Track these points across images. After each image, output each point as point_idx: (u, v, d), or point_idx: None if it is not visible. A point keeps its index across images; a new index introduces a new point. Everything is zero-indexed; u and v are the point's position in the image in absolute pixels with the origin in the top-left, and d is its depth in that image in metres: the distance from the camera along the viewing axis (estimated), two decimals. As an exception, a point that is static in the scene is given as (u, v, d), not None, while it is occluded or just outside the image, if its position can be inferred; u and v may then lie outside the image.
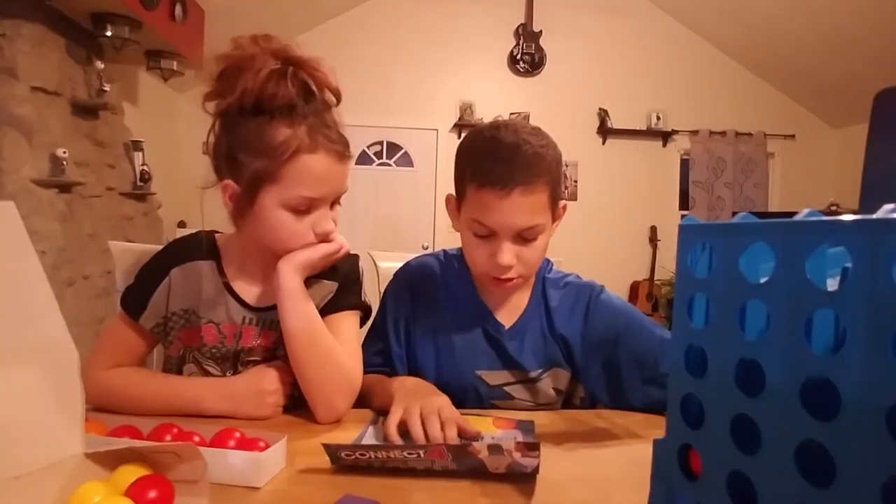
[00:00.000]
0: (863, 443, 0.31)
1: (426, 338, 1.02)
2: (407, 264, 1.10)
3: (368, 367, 1.00)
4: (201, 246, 0.92)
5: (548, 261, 1.06)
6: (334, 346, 0.86)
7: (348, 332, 0.91)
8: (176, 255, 0.92)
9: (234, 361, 0.92)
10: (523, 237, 0.89)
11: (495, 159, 0.87)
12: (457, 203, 0.96)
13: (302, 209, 0.82)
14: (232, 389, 0.84)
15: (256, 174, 0.80)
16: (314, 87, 0.80)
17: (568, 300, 1.02)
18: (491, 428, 0.81)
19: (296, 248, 0.85)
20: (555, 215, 0.94)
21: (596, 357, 0.98)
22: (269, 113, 0.79)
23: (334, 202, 0.86)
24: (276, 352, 0.92)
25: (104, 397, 0.84)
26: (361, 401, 0.91)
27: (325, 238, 0.86)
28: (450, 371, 1.00)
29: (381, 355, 1.03)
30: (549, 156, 0.89)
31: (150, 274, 0.91)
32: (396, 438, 0.74)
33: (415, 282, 1.05)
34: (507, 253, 0.88)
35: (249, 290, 0.92)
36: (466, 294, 1.03)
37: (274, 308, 0.90)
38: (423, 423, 0.74)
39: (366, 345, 1.03)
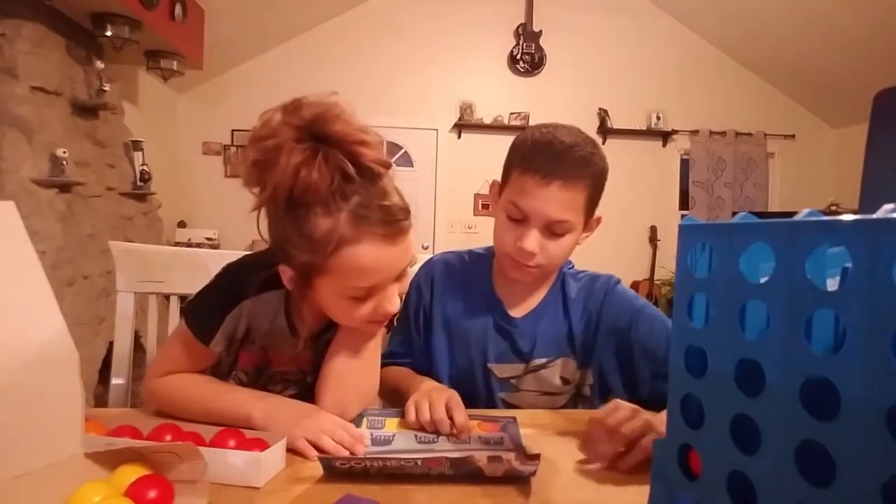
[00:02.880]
0: (863, 443, 0.31)
1: (441, 330, 1.06)
2: (430, 259, 1.14)
3: (393, 358, 1.06)
4: (273, 275, 0.83)
5: (570, 261, 1.09)
6: (375, 365, 0.89)
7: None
8: (251, 283, 0.86)
9: (265, 380, 0.93)
10: (552, 230, 0.92)
11: (546, 152, 0.91)
12: (500, 188, 1.00)
13: (360, 296, 0.76)
14: (275, 410, 0.79)
15: (305, 267, 0.74)
16: (350, 169, 0.70)
17: (585, 290, 1.04)
18: (476, 430, 0.83)
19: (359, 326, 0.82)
20: (587, 224, 0.97)
21: (609, 345, 1.00)
22: (304, 205, 0.70)
23: (401, 275, 0.80)
24: (306, 376, 0.93)
25: (157, 402, 0.85)
26: (391, 391, 0.96)
27: (384, 319, 0.81)
28: (462, 363, 1.04)
29: (404, 345, 1.08)
30: (595, 164, 0.93)
31: (223, 300, 0.86)
32: (411, 415, 0.83)
33: (436, 275, 1.09)
34: (533, 240, 0.92)
35: (306, 322, 0.89)
36: (483, 289, 1.07)
37: (320, 333, 0.90)
38: (430, 410, 0.82)
39: (392, 334, 1.09)
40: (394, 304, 0.79)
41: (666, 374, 0.93)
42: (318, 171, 0.68)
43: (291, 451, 0.73)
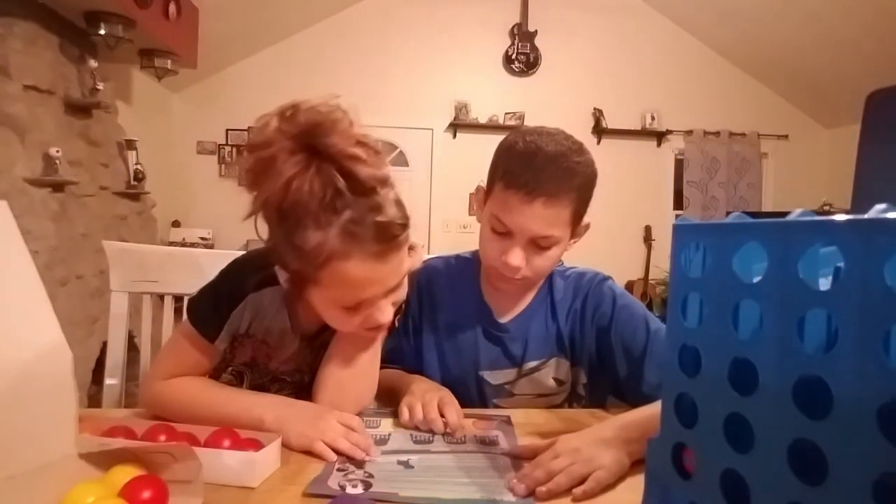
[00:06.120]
0: (854, 441, 0.31)
1: (431, 338, 1.05)
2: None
3: (384, 364, 1.03)
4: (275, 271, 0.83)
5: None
6: (374, 368, 0.88)
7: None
8: (254, 279, 0.86)
9: (262, 378, 0.93)
10: (537, 244, 0.90)
11: (529, 165, 0.87)
12: (485, 195, 0.97)
13: (351, 307, 0.76)
14: (287, 413, 0.79)
15: (297, 274, 0.75)
16: (342, 184, 0.68)
17: (571, 286, 1.04)
18: (471, 429, 0.84)
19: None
20: (574, 232, 0.94)
21: (594, 342, 1.00)
22: (295, 217, 0.70)
23: (395, 287, 0.79)
24: (303, 375, 0.93)
25: (161, 406, 0.83)
26: (384, 392, 0.95)
27: (375, 329, 0.81)
28: (454, 371, 1.03)
29: (394, 353, 1.06)
30: (582, 173, 0.90)
31: (228, 296, 0.85)
32: (404, 416, 0.84)
33: (420, 283, 1.07)
34: (517, 256, 0.89)
35: (304, 320, 0.89)
36: (470, 295, 1.05)
37: (318, 333, 0.90)
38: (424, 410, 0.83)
39: (385, 342, 1.05)
40: (385, 315, 0.79)
41: (640, 376, 0.94)
42: (310, 184, 0.67)
43: (307, 453, 0.73)
